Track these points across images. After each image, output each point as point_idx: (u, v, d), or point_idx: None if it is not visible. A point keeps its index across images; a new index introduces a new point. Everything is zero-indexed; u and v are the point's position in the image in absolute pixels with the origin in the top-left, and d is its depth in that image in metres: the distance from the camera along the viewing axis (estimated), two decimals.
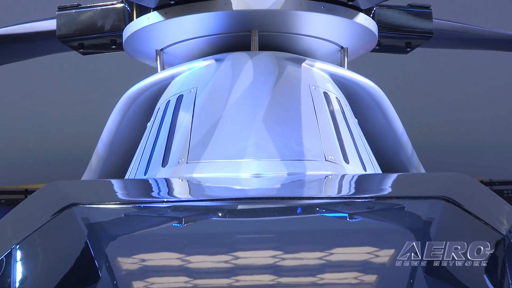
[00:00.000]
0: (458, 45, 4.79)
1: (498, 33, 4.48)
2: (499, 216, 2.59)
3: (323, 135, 3.36)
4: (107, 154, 3.87)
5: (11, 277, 2.36)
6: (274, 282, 2.34)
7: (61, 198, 2.62)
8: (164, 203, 2.80)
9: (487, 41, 4.63)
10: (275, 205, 2.72)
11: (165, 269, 2.42)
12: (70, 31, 4.05)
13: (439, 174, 3.26)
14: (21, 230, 2.56)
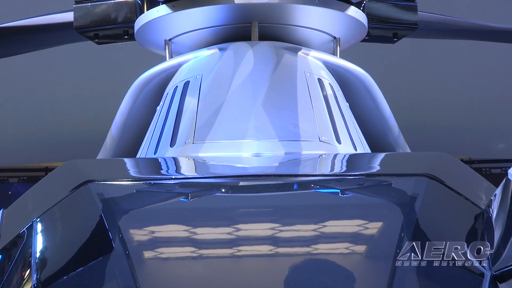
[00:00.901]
0: (441, 36, 4.79)
1: (478, 24, 4.47)
2: (478, 191, 2.59)
3: (317, 118, 3.35)
4: (120, 135, 3.87)
5: (32, 247, 2.35)
6: (273, 252, 2.34)
7: (78, 175, 2.61)
8: (172, 180, 2.80)
9: (468, 31, 4.62)
10: (273, 181, 2.72)
11: (173, 239, 2.41)
12: (86, 22, 4.04)
13: (423, 153, 3.26)
14: (41, 204, 2.56)
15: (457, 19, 4.42)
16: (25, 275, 2.28)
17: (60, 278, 2.25)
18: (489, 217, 2.35)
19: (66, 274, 2.26)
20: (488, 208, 2.39)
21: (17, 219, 2.57)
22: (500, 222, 2.29)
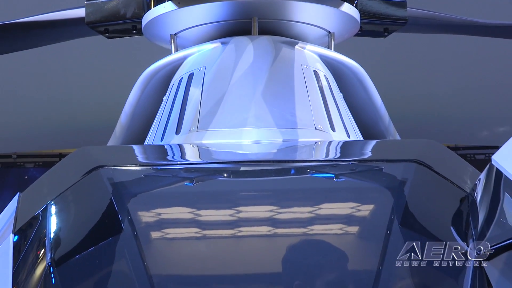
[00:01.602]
0: (429, 30, 4.78)
1: (464, 19, 4.47)
2: (463, 176, 2.59)
3: (313, 107, 3.35)
4: (129, 124, 3.88)
5: (46, 228, 2.35)
6: (271, 232, 2.34)
7: (90, 161, 2.62)
8: (178, 166, 2.80)
9: (454, 26, 4.62)
10: (272, 167, 2.72)
11: (178, 221, 2.42)
12: (97, 18, 4.04)
13: (412, 140, 3.26)
14: (55, 188, 2.56)
15: (444, 15, 4.41)
16: (40, 254, 2.27)
17: (72, 257, 2.26)
18: (474, 200, 2.35)
19: (78, 253, 2.27)
20: (473, 192, 2.39)
21: (32, 202, 2.57)
22: (484, 205, 2.29)
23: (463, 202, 2.39)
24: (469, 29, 4.68)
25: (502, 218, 2.20)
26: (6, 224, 2.53)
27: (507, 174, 2.22)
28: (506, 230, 2.16)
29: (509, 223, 2.18)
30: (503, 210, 2.22)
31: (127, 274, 2.14)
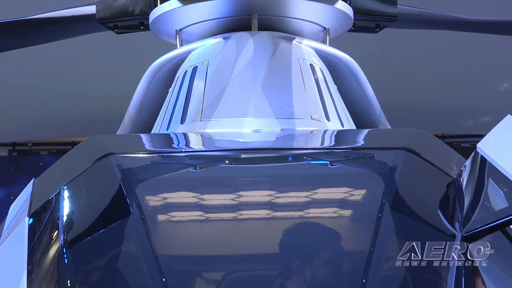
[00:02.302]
0: (418, 26, 4.77)
1: (450, 16, 4.45)
2: (450, 163, 2.59)
3: (309, 98, 3.35)
4: (136, 114, 3.87)
5: (59, 212, 2.35)
6: (270, 215, 2.34)
7: (100, 148, 2.61)
8: (183, 153, 2.80)
9: (442, 23, 4.61)
10: (271, 154, 2.72)
11: (183, 205, 2.41)
12: (107, 14, 4.03)
13: (402, 129, 3.26)
14: (67, 174, 2.56)
15: (432, 11, 4.40)
16: (53, 235, 2.27)
17: (83, 239, 2.25)
18: (460, 185, 2.34)
19: (89, 235, 2.26)
20: (459, 177, 2.39)
21: (46, 187, 2.57)
22: (469, 190, 2.29)
23: (450, 187, 2.38)
24: (455, 25, 4.67)
25: (486, 202, 2.20)
26: (22, 207, 2.53)
27: (491, 161, 2.21)
28: (490, 213, 2.16)
29: (493, 206, 2.18)
30: (487, 194, 2.22)
31: (135, 254, 2.14)
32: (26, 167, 9.56)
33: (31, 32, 4.24)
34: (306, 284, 2.10)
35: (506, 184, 2.11)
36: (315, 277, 2.11)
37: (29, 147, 9.81)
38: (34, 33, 4.28)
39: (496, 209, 2.15)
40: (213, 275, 2.16)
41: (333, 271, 2.14)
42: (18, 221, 2.45)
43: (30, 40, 4.45)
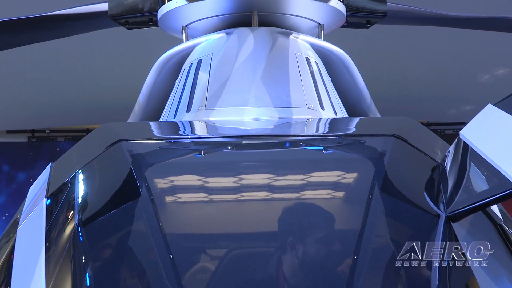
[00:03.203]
0: (406, 22, 4.76)
1: (435, 12, 4.44)
2: (435, 148, 2.58)
3: (305, 89, 3.34)
4: (146, 103, 3.87)
5: (74, 193, 2.36)
6: (269, 196, 2.35)
7: (112, 135, 2.61)
8: (189, 139, 2.80)
9: (428, 19, 4.60)
10: (270, 140, 2.73)
11: (189, 186, 2.42)
12: (119, 11, 4.02)
13: (390, 118, 3.25)
14: (82, 159, 2.56)
15: (419, 9, 4.39)
16: (69, 215, 2.28)
17: (97, 218, 2.26)
18: (444, 169, 2.34)
19: (102, 215, 2.27)
20: (443, 162, 2.38)
21: (62, 170, 2.57)
22: (453, 173, 2.29)
23: (434, 170, 2.38)
24: (440, 21, 4.66)
25: (468, 184, 2.20)
26: (40, 189, 2.54)
27: (472, 147, 2.21)
28: (472, 195, 2.16)
29: (474, 188, 2.18)
30: (469, 177, 2.22)
31: (144, 232, 2.14)
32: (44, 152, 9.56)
33: (49, 28, 4.24)
34: (302, 258, 2.10)
35: (487, 168, 2.10)
36: (310, 252, 2.11)
37: (47, 134, 9.81)
38: (51, 28, 4.28)
39: (477, 191, 2.15)
40: (216, 251, 2.16)
41: (327, 246, 2.14)
42: (36, 202, 2.45)
43: (48, 35, 4.45)
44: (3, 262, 2.30)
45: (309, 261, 2.10)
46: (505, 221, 2.37)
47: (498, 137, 2.19)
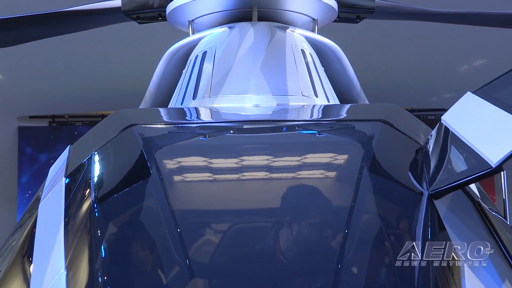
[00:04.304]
0: (393, 17, 4.73)
1: (420, 8, 4.42)
2: (419, 132, 2.58)
3: (300, 78, 3.34)
4: (155, 91, 3.86)
5: (91, 173, 2.36)
6: (267, 176, 2.35)
7: (125, 120, 2.60)
8: (195, 124, 2.80)
9: (413, 14, 4.58)
10: (268, 125, 2.73)
11: (195, 167, 2.42)
12: (131, 7, 4.01)
13: (378, 104, 3.25)
14: (98, 142, 2.56)
15: (405, 5, 4.37)
16: (86, 193, 2.28)
17: (111, 196, 2.26)
18: (427, 151, 2.34)
19: (116, 193, 2.27)
20: (426, 145, 2.38)
21: (80, 152, 2.57)
22: (435, 155, 2.29)
23: (418, 152, 2.38)
24: (424, 16, 4.65)
25: (449, 165, 2.20)
26: (60, 169, 2.54)
27: (453, 131, 2.21)
28: (452, 174, 2.16)
29: (454, 168, 2.18)
30: (449, 158, 2.22)
31: (154, 209, 2.14)
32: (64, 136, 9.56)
33: (67, 23, 4.23)
34: (298, 231, 2.10)
35: (466, 150, 2.10)
36: (305, 225, 2.12)
37: (66, 119, 9.80)
38: (69, 23, 4.27)
39: (457, 171, 2.15)
40: (219, 225, 2.16)
41: (321, 220, 2.14)
42: (56, 181, 2.45)
43: (66, 29, 4.44)
44: (26, 235, 2.30)
45: (305, 234, 2.10)
46: (482, 198, 2.38)
47: (476, 122, 2.19)
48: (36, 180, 9.20)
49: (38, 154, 9.52)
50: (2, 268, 2.26)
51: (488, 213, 2.28)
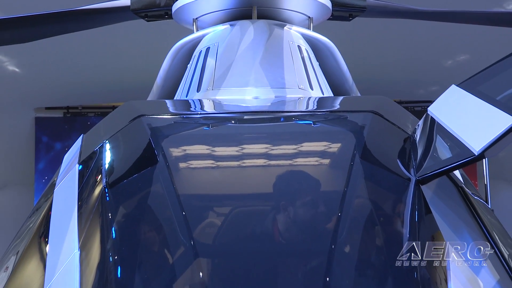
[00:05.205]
0: (383, 16, 4.72)
1: (408, 8, 4.41)
2: (407, 122, 2.58)
3: (297, 72, 3.34)
4: (162, 84, 3.86)
5: (102, 160, 2.36)
6: (266, 163, 2.35)
7: (134, 111, 2.60)
8: (198, 115, 2.81)
9: (402, 13, 4.56)
10: (267, 116, 2.74)
11: (199, 154, 2.42)
12: (139, 6, 4.00)
13: (369, 96, 3.24)
14: (108, 131, 2.56)
15: (395, 4, 4.36)
16: (98, 178, 2.28)
17: (121, 181, 2.27)
18: (414, 140, 2.34)
19: (125, 178, 2.27)
20: (413, 134, 2.38)
21: (92, 141, 2.57)
22: (422, 143, 2.29)
23: (406, 141, 2.38)
24: (412, 15, 4.63)
25: (434, 153, 2.20)
26: (74, 157, 2.54)
27: (438, 121, 2.22)
28: (437, 161, 2.16)
29: (440, 156, 2.18)
30: (435, 147, 2.22)
31: (161, 193, 2.14)
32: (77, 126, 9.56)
33: (79, 20, 4.22)
34: (295, 213, 2.11)
35: (450, 139, 2.11)
36: (302, 208, 2.13)
37: (79, 110, 9.80)
38: (81, 21, 4.26)
39: (442, 159, 2.15)
40: (221, 208, 2.17)
41: (316, 203, 2.15)
42: (70, 167, 2.46)
43: (78, 27, 4.42)
44: (42, 217, 2.31)
45: (301, 216, 2.11)
46: (465, 183, 2.38)
47: (460, 113, 2.19)
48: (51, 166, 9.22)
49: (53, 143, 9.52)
50: (20, 248, 2.27)
51: (471, 197, 2.28)
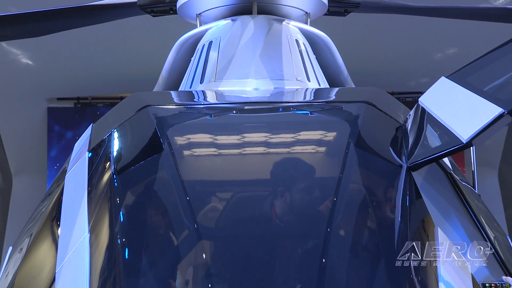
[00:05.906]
0: (376, 11, 4.70)
1: (399, 3, 4.39)
2: (399, 112, 2.59)
3: (294, 65, 3.33)
4: (167, 76, 3.86)
5: (111, 148, 2.36)
6: (266, 150, 2.35)
7: (140, 101, 2.60)
8: (202, 105, 2.80)
9: (393, 8, 4.54)
10: (267, 106, 2.74)
11: (202, 142, 2.43)
12: (146, 2, 3.98)
13: (363, 88, 3.24)
14: (116, 120, 2.56)
15: (387, 0, 4.34)
16: (106, 165, 2.28)
17: (128, 168, 2.28)
18: (406, 129, 2.34)
19: (132, 165, 2.28)
20: (405, 123, 2.38)
21: (101, 130, 2.57)
22: (413, 132, 2.29)
23: (398, 130, 2.38)
24: (403, 10, 4.61)
25: (425, 141, 2.21)
26: (83, 145, 2.54)
27: (429, 111, 2.22)
28: (428, 149, 2.17)
29: (429, 144, 2.19)
30: (426, 135, 2.22)
31: (166, 179, 2.15)
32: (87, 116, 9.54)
33: (88, 16, 4.20)
34: (294, 197, 2.12)
35: (440, 128, 2.11)
36: (300, 192, 2.14)
37: (89, 101, 9.78)
38: (91, 16, 4.24)
39: (432, 146, 2.16)
40: (223, 193, 2.18)
41: (313, 188, 2.16)
42: (80, 155, 2.46)
43: (88, 22, 4.41)
44: (54, 202, 2.31)
45: (299, 200, 2.13)
46: (454, 170, 2.39)
47: (449, 103, 2.20)
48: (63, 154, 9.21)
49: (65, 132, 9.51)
50: (33, 230, 2.28)
51: (459, 183, 2.29)
